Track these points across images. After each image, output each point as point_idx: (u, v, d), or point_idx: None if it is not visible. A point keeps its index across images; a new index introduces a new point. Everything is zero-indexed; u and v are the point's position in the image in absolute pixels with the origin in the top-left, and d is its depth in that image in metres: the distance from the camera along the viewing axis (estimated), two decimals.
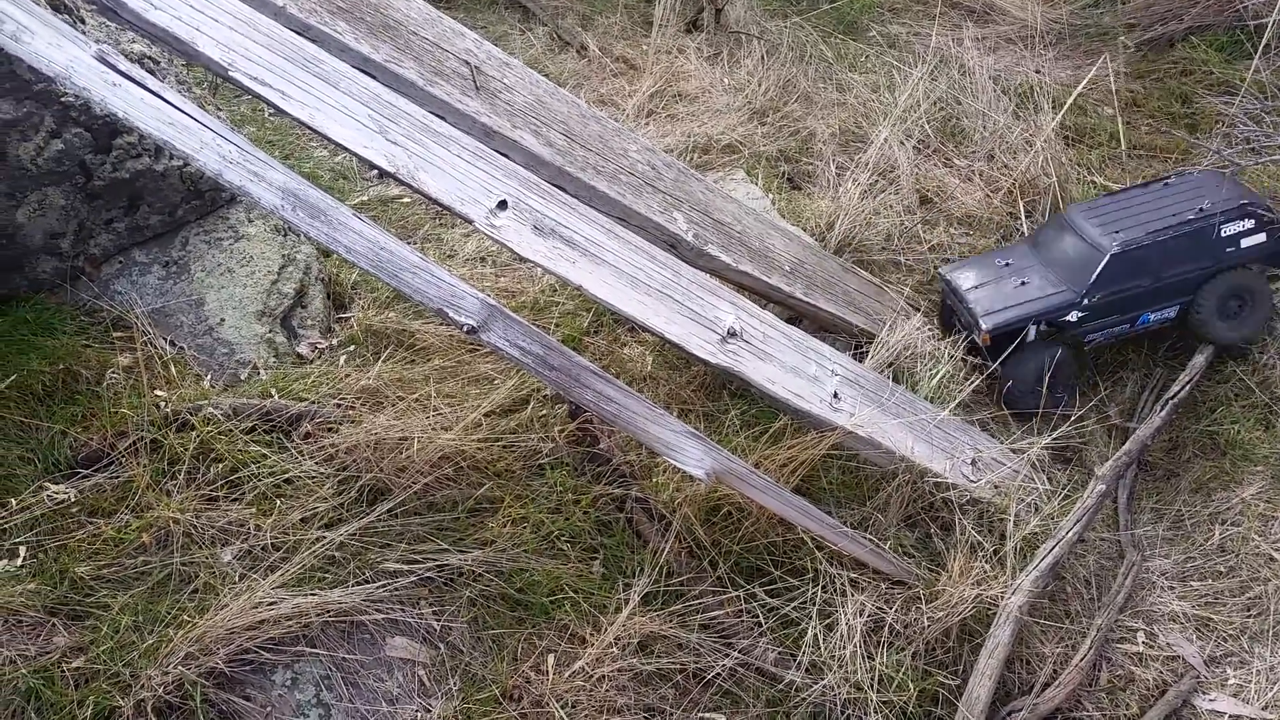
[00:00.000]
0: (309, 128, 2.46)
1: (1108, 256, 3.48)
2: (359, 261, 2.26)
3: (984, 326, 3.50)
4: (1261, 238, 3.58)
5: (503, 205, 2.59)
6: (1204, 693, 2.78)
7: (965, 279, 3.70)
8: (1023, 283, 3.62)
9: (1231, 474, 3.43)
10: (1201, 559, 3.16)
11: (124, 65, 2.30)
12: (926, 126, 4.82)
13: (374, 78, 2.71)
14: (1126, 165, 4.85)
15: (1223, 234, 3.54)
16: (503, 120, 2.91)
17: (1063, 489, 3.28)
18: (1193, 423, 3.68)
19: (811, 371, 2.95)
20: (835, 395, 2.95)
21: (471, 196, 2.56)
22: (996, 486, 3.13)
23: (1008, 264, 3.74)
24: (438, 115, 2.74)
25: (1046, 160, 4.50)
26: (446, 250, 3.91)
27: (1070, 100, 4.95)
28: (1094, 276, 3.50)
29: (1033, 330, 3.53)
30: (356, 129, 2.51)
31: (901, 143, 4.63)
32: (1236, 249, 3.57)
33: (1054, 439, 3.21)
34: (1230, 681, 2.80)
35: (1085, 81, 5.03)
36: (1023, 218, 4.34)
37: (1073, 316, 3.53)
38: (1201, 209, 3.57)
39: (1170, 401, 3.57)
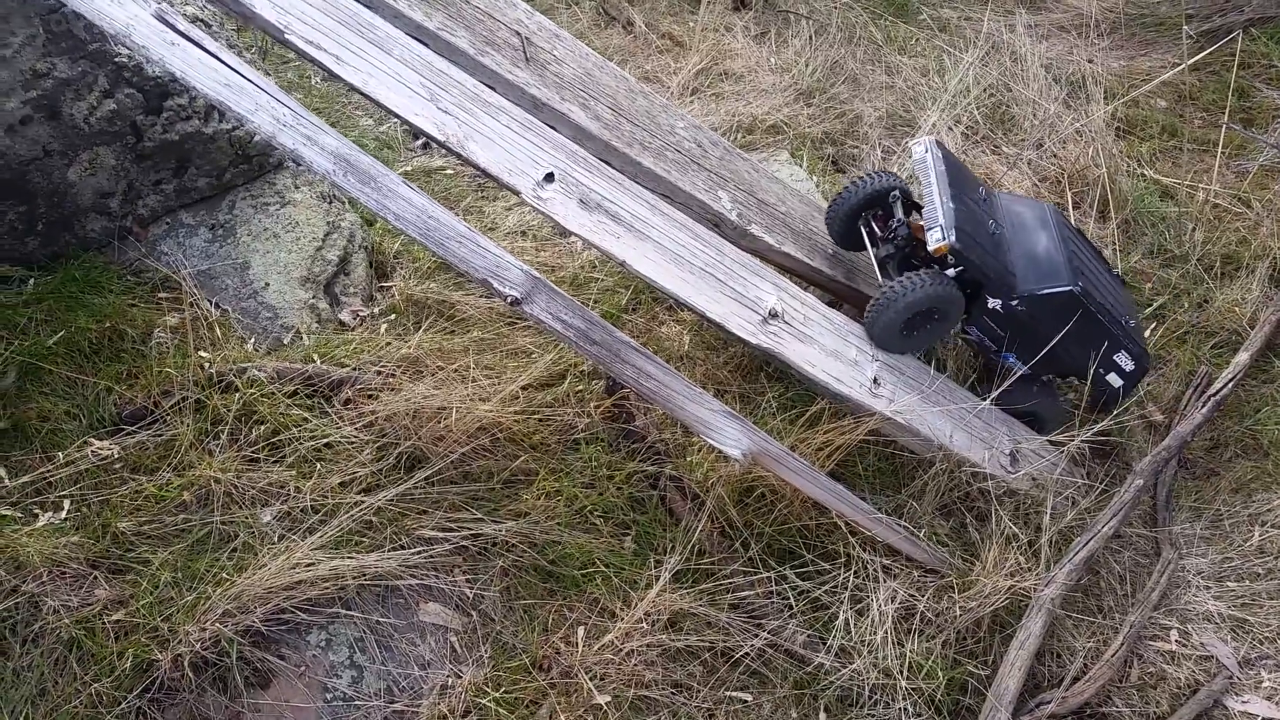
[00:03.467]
0: (362, 93, 2.47)
1: (1068, 288, 3.06)
2: (407, 229, 2.27)
3: (951, 238, 2.94)
4: (1120, 380, 3.31)
5: (550, 178, 2.58)
6: (1236, 694, 2.75)
7: (945, 174, 3.14)
8: (994, 232, 3.18)
9: (1274, 475, 3.38)
10: (1239, 560, 3.12)
11: (182, 25, 2.32)
12: (975, 113, 4.75)
13: (426, 45, 2.71)
14: (1179, 159, 4.76)
15: (1114, 357, 3.25)
16: (551, 92, 2.90)
17: (1101, 483, 3.24)
18: (1235, 422, 3.63)
19: (851, 356, 2.94)
20: (875, 380, 2.93)
21: (519, 168, 2.56)
22: (1034, 479, 3.11)
23: (986, 200, 3.29)
24: (488, 85, 2.74)
25: (1097, 151, 4.43)
26: (488, 223, 3.92)
27: (1131, 94, 4.87)
28: (1043, 290, 3.07)
29: (953, 270, 3.04)
30: (409, 96, 2.51)
31: (950, 128, 4.58)
32: (1105, 373, 3.27)
33: (1094, 433, 3.17)
34: (1264, 684, 2.77)
35: (1155, 82, 4.93)
36: (1070, 208, 4.28)
37: (995, 303, 3.09)
38: (1129, 323, 3.26)
39: (1212, 399, 3.52)
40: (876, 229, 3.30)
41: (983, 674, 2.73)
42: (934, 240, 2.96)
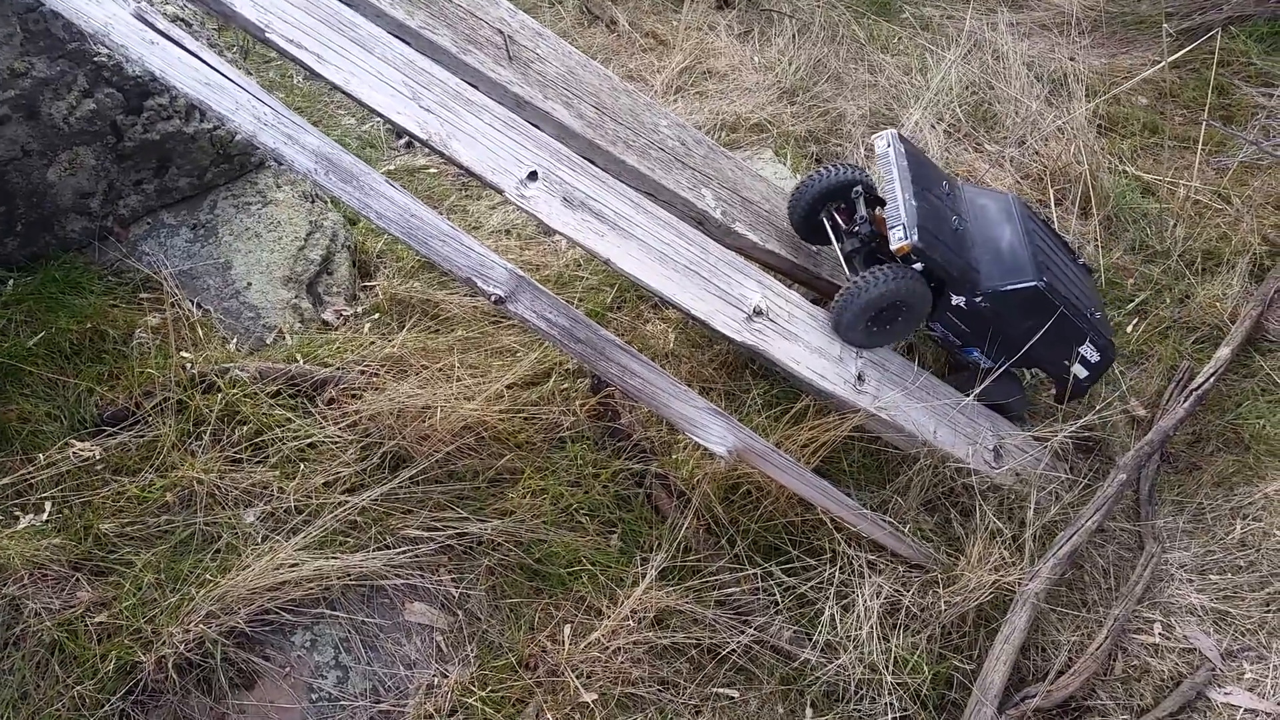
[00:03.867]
0: (344, 92, 2.46)
1: (1032, 284, 3.02)
2: (390, 228, 2.26)
3: (913, 238, 2.89)
4: (1085, 371, 3.29)
5: (533, 176, 2.58)
6: (1219, 686, 2.77)
7: (909, 170, 3.08)
8: (958, 228, 3.12)
9: (1255, 469, 3.40)
10: (1221, 553, 3.14)
11: (162, 24, 2.30)
12: (958, 111, 4.77)
13: (408, 44, 2.71)
14: (1160, 156, 4.79)
15: (1079, 349, 3.21)
16: (534, 91, 2.90)
17: (1084, 478, 3.26)
18: (1217, 416, 3.65)
19: (836, 352, 2.94)
20: (859, 377, 2.94)
21: (502, 166, 2.55)
22: (1018, 474, 3.12)
23: (950, 194, 3.23)
24: (470, 83, 2.74)
25: (1078, 148, 4.45)
26: (472, 222, 3.91)
27: (1112, 91, 4.89)
28: (1007, 287, 3.03)
29: (920, 266, 2.98)
30: (391, 95, 2.51)
31: (933, 126, 4.59)
32: (1069, 364, 3.24)
33: (1077, 428, 3.18)
34: (1246, 676, 2.78)
35: (1136, 80, 4.96)
36: (1052, 205, 4.30)
37: (959, 300, 3.05)
38: (1095, 315, 3.23)
39: (1194, 394, 3.54)
40: (840, 222, 3.26)
41: (968, 668, 2.73)
42: (896, 240, 2.92)
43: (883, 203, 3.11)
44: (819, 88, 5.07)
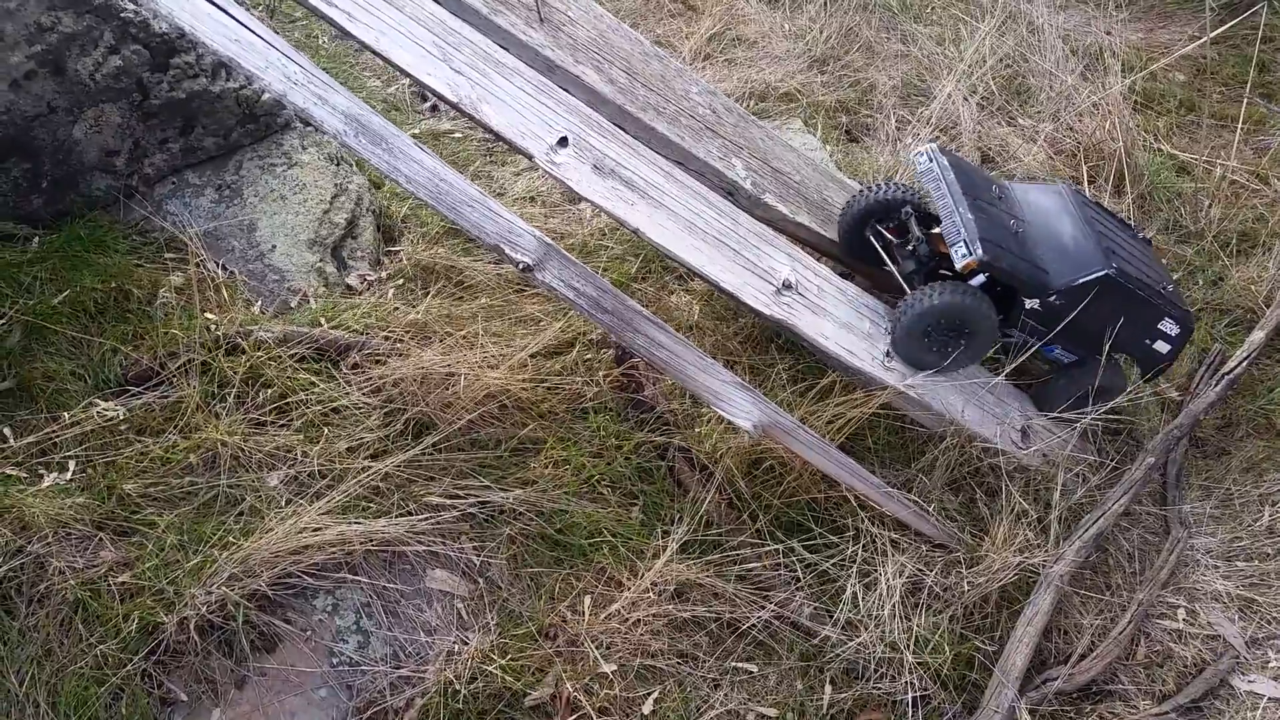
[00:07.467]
0: (373, 51, 2.43)
1: (1102, 273, 2.97)
2: (418, 192, 2.23)
3: (978, 253, 2.83)
4: (1167, 346, 3.23)
5: (563, 142, 2.55)
6: (1243, 674, 2.75)
7: (957, 182, 3.02)
8: (1018, 231, 3.06)
9: None
10: (1249, 539, 3.10)
11: None
12: (991, 83, 4.69)
13: (439, 3, 2.66)
14: (1197, 134, 4.70)
15: (1159, 326, 3.17)
16: (565, 54, 2.85)
17: (1112, 461, 3.22)
18: (1248, 401, 3.60)
19: (865, 328, 2.91)
20: (888, 354, 2.90)
21: (533, 131, 2.52)
22: (1045, 455, 3.09)
23: (1001, 197, 3.17)
24: (501, 45, 2.69)
25: (1113, 125, 4.37)
26: (496, 188, 3.88)
27: (1149, 67, 4.80)
28: (1077, 280, 2.98)
29: (980, 280, 2.95)
30: (421, 55, 2.47)
31: (965, 99, 4.51)
32: (1152, 343, 3.20)
33: (1106, 410, 3.14)
34: (1271, 664, 2.76)
35: (1174, 55, 4.86)
36: (1085, 182, 4.23)
37: (1033, 303, 3.00)
38: (1167, 289, 3.17)
39: (1226, 377, 3.49)
40: (892, 240, 3.17)
41: (990, 649, 2.72)
42: (960, 258, 2.86)
43: (936, 219, 3.05)
44: (850, 57, 4.99)
